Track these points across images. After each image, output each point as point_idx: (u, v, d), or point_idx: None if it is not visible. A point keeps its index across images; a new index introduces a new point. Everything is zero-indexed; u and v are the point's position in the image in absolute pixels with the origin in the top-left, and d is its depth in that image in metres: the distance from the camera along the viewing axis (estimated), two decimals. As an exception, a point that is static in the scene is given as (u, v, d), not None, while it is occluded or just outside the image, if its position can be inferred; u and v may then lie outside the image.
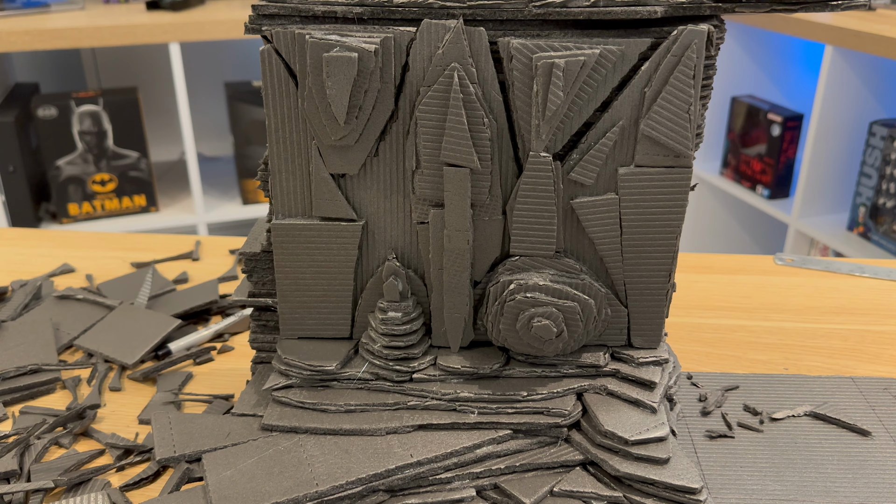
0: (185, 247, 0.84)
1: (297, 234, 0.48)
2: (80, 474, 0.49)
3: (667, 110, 0.44)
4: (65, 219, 1.76)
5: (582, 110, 0.44)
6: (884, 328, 0.68)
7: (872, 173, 1.65)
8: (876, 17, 1.61)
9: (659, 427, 0.47)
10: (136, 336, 0.64)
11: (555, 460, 0.47)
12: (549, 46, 0.42)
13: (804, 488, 0.49)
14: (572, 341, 0.48)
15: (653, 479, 0.45)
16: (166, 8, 1.73)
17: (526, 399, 0.49)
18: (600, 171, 0.46)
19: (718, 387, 0.59)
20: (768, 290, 0.75)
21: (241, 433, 0.49)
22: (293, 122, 0.46)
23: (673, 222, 0.47)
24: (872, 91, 1.65)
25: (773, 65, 2.02)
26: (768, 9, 0.42)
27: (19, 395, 0.58)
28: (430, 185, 0.46)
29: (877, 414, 0.56)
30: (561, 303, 0.47)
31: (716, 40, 0.43)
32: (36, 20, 1.65)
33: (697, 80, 0.43)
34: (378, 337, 0.50)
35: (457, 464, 0.47)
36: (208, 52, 2.07)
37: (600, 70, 0.43)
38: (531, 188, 0.45)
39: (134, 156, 1.77)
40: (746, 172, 1.95)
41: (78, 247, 0.84)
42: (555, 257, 0.48)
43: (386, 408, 0.49)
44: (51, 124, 1.69)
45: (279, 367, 0.50)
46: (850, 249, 1.65)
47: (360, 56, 0.42)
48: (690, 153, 0.45)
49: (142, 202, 1.81)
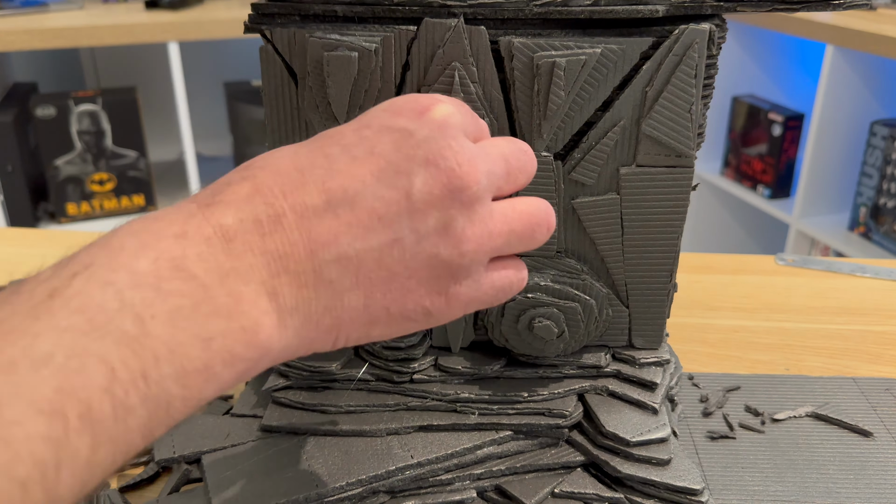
0: (185, 247, 0.84)
1: (296, 234, 0.48)
2: (78, 475, 0.49)
3: (668, 110, 0.43)
4: (63, 218, 1.76)
5: (583, 109, 0.44)
6: (885, 328, 0.68)
7: (873, 173, 1.65)
8: (877, 16, 1.61)
9: (660, 428, 0.47)
10: (135, 336, 0.63)
11: (556, 461, 0.47)
12: (550, 45, 0.41)
13: (806, 489, 0.49)
14: (573, 342, 0.48)
15: (654, 481, 0.45)
16: (165, 7, 1.73)
17: (527, 400, 0.48)
18: (601, 170, 0.45)
19: (720, 387, 0.59)
20: (769, 290, 0.75)
21: (240, 434, 0.49)
22: (292, 122, 0.46)
23: (674, 222, 0.47)
24: (873, 91, 1.65)
25: (774, 64, 2.02)
26: (770, 8, 0.42)
27: (17, 395, 0.58)
28: (431, 185, 0.46)
29: (878, 415, 0.56)
30: (562, 303, 0.47)
31: (717, 39, 0.43)
32: (34, 19, 1.65)
33: (699, 79, 0.43)
34: (378, 337, 0.49)
35: (457, 465, 0.47)
36: (207, 52, 2.07)
37: (601, 69, 0.42)
38: (532, 188, 0.45)
39: (133, 155, 1.77)
40: (747, 172, 1.94)
41: (76, 246, 0.83)
42: (555, 257, 0.47)
43: (386, 409, 0.49)
44: (49, 124, 1.69)
45: (278, 368, 0.50)
46: (851, 249, 1.65)
47: (360, 55, 0.42)
48: (692, 153, 0.45)
49: (140, 202, 1.81)
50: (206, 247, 0.25)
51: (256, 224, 0.26)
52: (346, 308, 0.29)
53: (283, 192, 0.27)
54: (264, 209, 0.27)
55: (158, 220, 0.26)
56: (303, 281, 0.27)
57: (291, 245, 0.27)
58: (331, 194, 0.27)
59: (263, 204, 0.27)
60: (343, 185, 0.28)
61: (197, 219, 0.26)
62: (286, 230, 0.27)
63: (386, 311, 0.30)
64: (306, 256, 0.27)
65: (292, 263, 0.27)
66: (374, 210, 0.28)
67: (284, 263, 0.27)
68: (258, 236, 0.26)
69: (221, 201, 0.27)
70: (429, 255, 0.29)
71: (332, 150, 0.29)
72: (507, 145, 0.34)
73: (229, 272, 0.25)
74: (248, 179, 0.27)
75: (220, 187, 0.28)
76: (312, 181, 0.28)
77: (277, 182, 0.27)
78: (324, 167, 0.28)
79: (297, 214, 0.27)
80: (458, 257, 0.30)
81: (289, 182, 0.27)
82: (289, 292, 0.27)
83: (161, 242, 0.25)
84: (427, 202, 0.29)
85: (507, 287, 0.34)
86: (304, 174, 0.28)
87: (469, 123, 0.32)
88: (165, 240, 0.25)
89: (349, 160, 0.28)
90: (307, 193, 0.27)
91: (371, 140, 0.29)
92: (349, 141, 0.29)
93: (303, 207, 0.27)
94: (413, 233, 0.29)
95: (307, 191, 0.27)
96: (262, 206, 0.27)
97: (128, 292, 0.23)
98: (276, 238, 0.27)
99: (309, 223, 0.27)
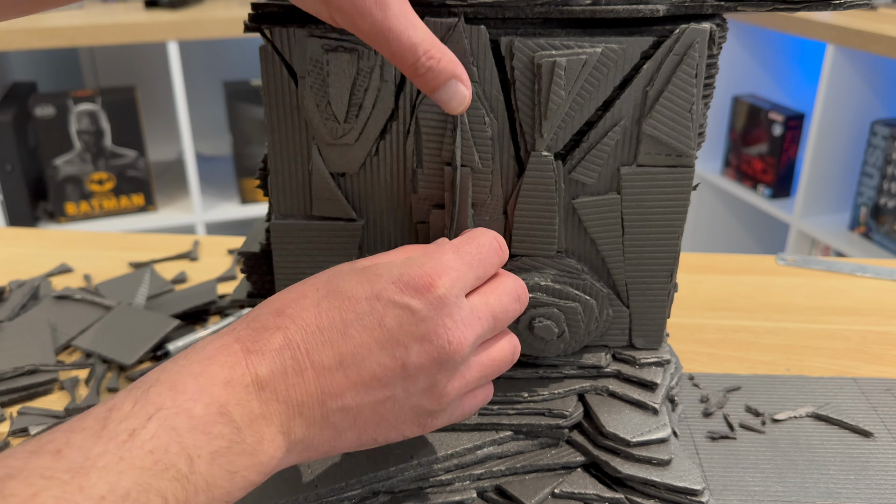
0: (184, 246, 0.84)
1: (296, 234, 0.48)
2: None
3: (669, 109, 0.43)
4: (62, 218, 1.76)
5: (583, 109, 0.44)
6: (886, 329, 0.68)
7: (874, 173, 1.64)
8: (878, 16, 1.61)
9: (661, 428, 0.47)
10: (135, 336, 0.63)
11: (556, 462, 0.47)
12: (550, 45, 0.41)
13: (806, 489, 0.49)
14: (574, 342, 0.48)
15: (654, 481, 0.44)
16: (164, 6, 1.72)
17: (527, 400, 0.48)
18: (602, 170, 0.45)
19: (720, 388, 0.59)
20: (770, 290, 0.75)
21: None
22: (292, 121, 0.45)
23: (675, 222, 0.47)
24: (874, 90, 1.65)
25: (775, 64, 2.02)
26: (770, 7, 0.41)
27: (17, 395, 0.57)
28: (431, 185, 0.46)
29: (879, 415, 0.56)
30: (563, 303, 0.46)
31: (718, 39, 0.43)
32: (33, 18, 1.65)
33: (700, 79, 0.43)
34: (378, 338, 0.49)
35: (457, 465, 0.46)
36: (207, 51, 2.06)
37: (602, 69, 0.42)
38: (532, 188, 0.45)
39: (132, 155, 1.77)
40: (748, 172, 1.94)
41: (76, 246, 0.84)
42: (556, 257, 0.47)
43: (386, 409, 0.49)
44: (48, 123, 1.68)
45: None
46: (852, 249, 1.65)
47: (360, 54, 0.42)
48: (693, 152, 0.45)
49: (140, 201, 1.81)
50: (244, 394, 0.33)
51: (283, 376, 0.34)
52: (341, 441, 0.36)
53: (307, 349, 0.34)
54: (291, 364, 0.34)
55: (213, 362, 0.33)
56: (311, 422, 0.35)
57: (308, 395, 0.34)
58: (343, 357, 0.35)
59: (291, 359, 0.34)
60: (353, 352, 0.35)
61: (241, 368, 0.33)
62: (306, 383, 0.34)
63: (374, 440, 0.38)
64: (317, 404, 0.34)
65: (306, 409, 0.34)
66: (375, 373, 0.35)
67: (300, 409, 0.34)
68: (284, 387, 0.34)
69: (259, 350, 0.34)
70: (414, 406, 0.37)
71: (348, 316, 0.35)
72: (499, 299, 0.39)
73: (258, 417, 0.33)
74: (280, 330, 0.35)
75: (257, 332, 0.34)
76: (330, 342, 0.35)
77: (304, 339, 0.35)
78: (340, 331, 0.35)
79: (315, 371, 0.34)
80: (438, 406, 0.38)
81: (312, 341, 0.35)
82: (299, 430, 0.34)
83: (213, 388, 0.32)
84: (418, 369, 0.36)
85: (476, 408, 0.42)
86: (323, 334, 0.35)
87: (471, 278, 0.38)
88: (216, 387, 0.32)
89: (360, 329, 0.35)
90: (325, 354, 0.35)
91: (380, 313, 0.36)
92: (363, 310, 0.36)
93: (321, 366, 0.34)
94: (404, 391, 0.36)
95: (325, 351, 0.35)
96: (290, 360, 0.34)
97: (186, 436, 0.30)
98: (297, 390, 0.34)
99: (324, 378, 0.34)
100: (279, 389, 0.33)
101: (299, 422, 0.34)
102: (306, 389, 0.34)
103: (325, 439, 0.36)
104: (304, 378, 0.34)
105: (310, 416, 0.34)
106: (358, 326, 0.35)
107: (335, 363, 0.35)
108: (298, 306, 0.36)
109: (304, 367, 0.34)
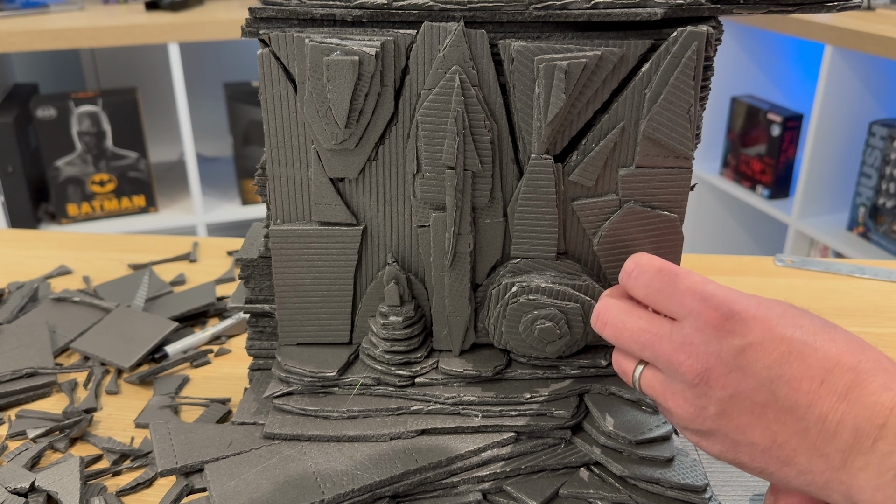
0: (183, 248, 0.84)
1: (295, 240, 0.48)
2: (79, 478, 0.49)
3: (667, 111, 0.43)
4: (64, 219, 1.76)
5: (582, 112, 0.44)
6: (884, 330, 0.68)
7: (872, 173, 1.65)
8: (875, 17, 1.61)
9: (662, 426, 0.47)
10: (133, 339, 0.63)
11: (559, 462, 0.47)
12: (550, 48, 0.42)
13: (806, 491, 0.49)
14: (574, 342, 0.48)
15: (658, 479, 0.45)
16: (165, 8, 1.73)
17: (529, 401, 0.48)
18: (601, 172, 0.45)
19: (719, 389, 0.59)
20: (768, 291, 0.75)
21: (243, 442, 0.49)
22: (291, 126, 0.46)
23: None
24: (872, 91, 1.65)
25: (773, 65, 2.02)
26: (765, 10, 0.42)
27: (15, 398, 0.58)
28: (431, 189, 0.46)
29: (878, 416, 0.56)
30: (563, 304, 0.47)
31: (714, 41, 0.43)
32: (35, 20, 1.65)
33: (697, 80, 0.43)
34: (379, 342, 0.49)
35: (462, 468, 0.47)
36: (207, 53, 2.07)
37: (600, 72, 0.43)
38: (532, 190, 0.45)
39: (133, 156, 1.77)
40: (746, 172, 1.94)
41: (75, 248, 0.84)
42: (556, 259, 0.47)
43: (389, 413, 0.49)
44: (50, 125, 1.68)
45: (279, 374, 0.50)
46: (850, 249, 1.65)
47: (360, 59, 0.42)
48: (691, 154, 0.45)
49: (141, 203, 1.81)
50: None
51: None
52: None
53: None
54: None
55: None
56: None
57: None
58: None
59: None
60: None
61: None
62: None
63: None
64: None
65: None
66: None
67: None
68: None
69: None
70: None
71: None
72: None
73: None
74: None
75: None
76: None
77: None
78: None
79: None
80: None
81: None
82: None
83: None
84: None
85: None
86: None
87: None
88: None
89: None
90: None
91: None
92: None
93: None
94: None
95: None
96: None
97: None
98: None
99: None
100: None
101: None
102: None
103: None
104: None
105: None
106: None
107: None
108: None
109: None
